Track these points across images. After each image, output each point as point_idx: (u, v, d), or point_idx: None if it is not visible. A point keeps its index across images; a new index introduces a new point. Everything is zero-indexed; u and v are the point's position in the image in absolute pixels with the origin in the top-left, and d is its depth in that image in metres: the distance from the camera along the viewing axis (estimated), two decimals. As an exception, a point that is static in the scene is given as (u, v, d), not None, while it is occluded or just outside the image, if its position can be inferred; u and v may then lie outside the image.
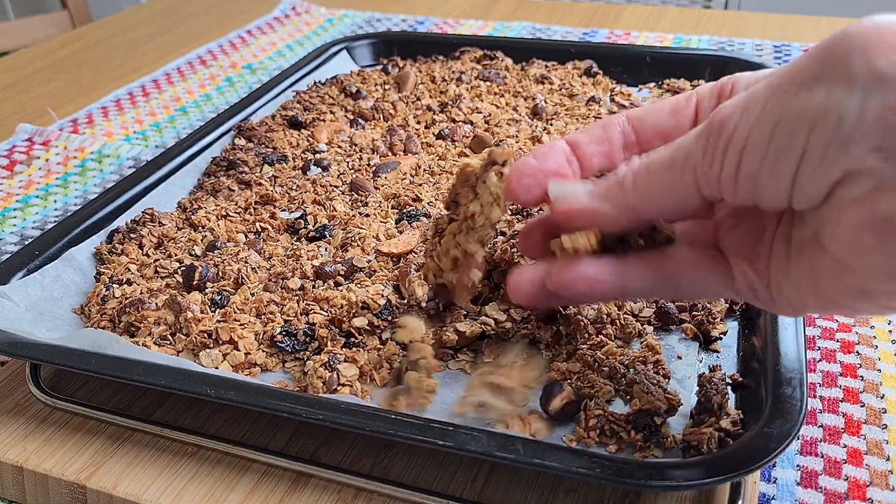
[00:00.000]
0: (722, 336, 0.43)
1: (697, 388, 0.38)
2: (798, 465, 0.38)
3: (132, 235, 0.52)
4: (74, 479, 0.38)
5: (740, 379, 0.39)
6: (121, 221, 0.54)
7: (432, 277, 0.40)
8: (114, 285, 0.48)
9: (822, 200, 0.27)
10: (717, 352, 0.42)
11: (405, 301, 0.44)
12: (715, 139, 0.29)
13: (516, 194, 0.35)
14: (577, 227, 0.33)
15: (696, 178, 0.30)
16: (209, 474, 0.38)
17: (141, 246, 0.52)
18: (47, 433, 0.41)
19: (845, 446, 0.39)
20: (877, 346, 0.45)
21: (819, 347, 0.45)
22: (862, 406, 0.41)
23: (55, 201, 0.66)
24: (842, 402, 0.42)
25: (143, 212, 0.55)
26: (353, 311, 0.43)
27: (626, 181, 0.32)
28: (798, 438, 0.39)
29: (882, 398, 0.42)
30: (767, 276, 0.31)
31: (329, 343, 0.43)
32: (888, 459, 0.38)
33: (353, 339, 0.43)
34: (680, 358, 0.42)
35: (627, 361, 0.39)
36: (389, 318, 0.43)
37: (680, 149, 0.30)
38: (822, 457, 0.39)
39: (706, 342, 0.43)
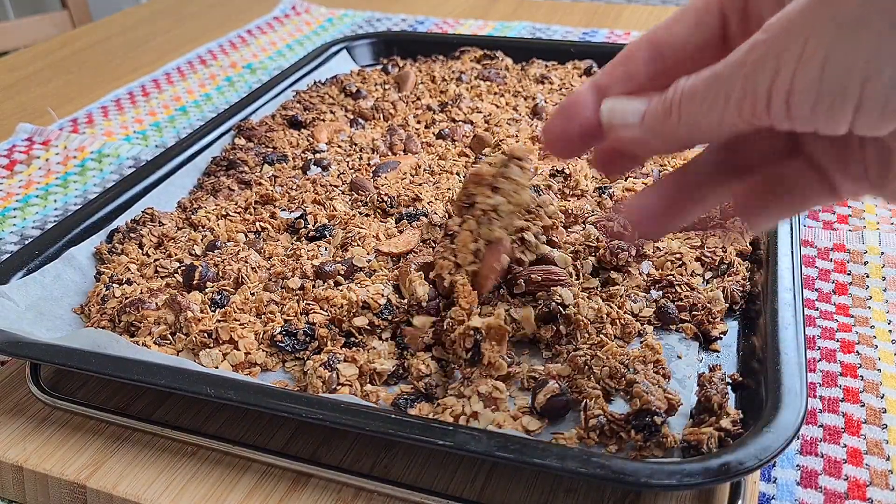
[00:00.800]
0: (722, 336, 0.43)
1: (697, 388, 0.39)
2: (798, 465, 0.38)
3: (132, 235, 0.52)
4: (74, 478, 0.38)
5: (740, 379, 0.39)
6: (121, 221, 0.54)
7: (448, 275, 0.41)
8: (114, 285, 0.48)
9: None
10: (717, 351, 0.42)
11: (405, 301, 0.44)
12: (754, 78, 0.26)
13: (553, 154, 0.35)
14: (633, 147, 0.32)
15: (742, 114, 0.27)
16: (209, 474, 0.38)
17: (141, 245, 0.52)
18: (47, 433, 0.41)
19: (845, 446, 0.39)
20: (877, 346, 0.45)
21: (819, 347, 0.45)
22: (862, 406, 0.41)
23: (55, 201, 0.66)
24: (842, 401, 0.42)
25: (143, 211, 0.55)
26: (354, 310, 0.43)
27: (672, 111, 0.29)
28: (798, 438, 0.39)
29: (882, 398, 0.42)
30: (867, 181, 0.29)
31: (329, 343, 0.43)
32: (888, 459, 0.38)
33: (353, 339, 0.43)
34: (680, 357, 0.42)
35: (627, 361, 0.39)
36: (389, 317, 0.43)
37: (719, 80, 0.27)
38: (822, 456, 0.39)
39: (706, 342, 0.43)
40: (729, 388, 0.38)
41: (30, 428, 0.41)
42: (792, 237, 0.46)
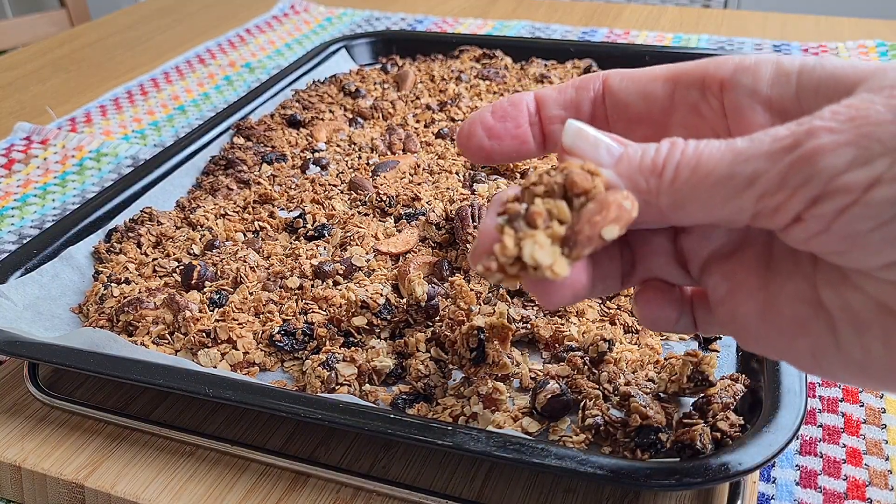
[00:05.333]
0: (721, 336, 0.43)
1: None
2: (797, 465, 0.38)
3: (130, 234, 0.52)
4: (72, 478, 0.38)
5: (742, 389, 0.38)
6: (119, 220, 0.54)
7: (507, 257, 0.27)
8: (112, 284, 0.47)
9: None
10: (717, 352, 0.42)
11: (404, 300, 0.44)
12: (805, 173, 0.22)
13: (464, 150, 0.30)
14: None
15: (759, 208, 0.23)
16: (207, 474, 0.38)
17: (139, 245, 0.52)
18: (45, 432, 0.41)
19: (844, 446, 0.39)
20: (876, 346, 0.45)
21: (818, 347, 0.45)
22: (861, 406, 0.41)
23: (53, 200, 0.66)
24: (841, 401, 0.42)
25: (141, 211, 0.55)
26: (353, 310, 0.43)
27: (666, 172, 0.24)
28: (797, 438, 0.39)
29: (881, 398, 0.42)
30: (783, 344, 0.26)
31: (328, 342, 0.43)
32: (887, 459, 0.38)
33: (352, 339, 0.43)
34: None
35: (626, 367, 0.39)
36: (388, 317, 0.43)
37: (747, 162, 0.23)
38: (822, 456, 0.39)
39: (706, 342, 0.43)
40: (738, 397, 0.37)
41: (28, 427, 0.41)
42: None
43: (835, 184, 0.21)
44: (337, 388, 0.40)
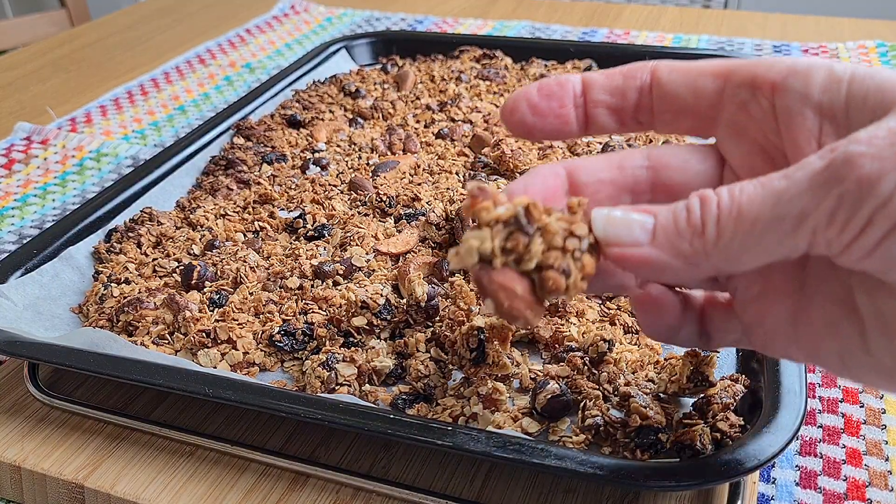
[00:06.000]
0: None
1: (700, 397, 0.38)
2: (797, 466, 0.38)
3: (130, 234, 0.52)
4: (72, 478, 0.38)
5: (742, 389, 0.38)
6: (119, 220, 0.54)
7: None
8: (112, 284, 0.47)
9: None
10: (717, 352, 0.42)
11: (404, 300, 0.44)
12: (853, 203, 0.22)
13: (507, 124, 0.31)
14: (637, 274, 0.28)
15: (813, 241, 0.23)
16: (207, 474, 0.38)
17: (139, 245, 0.52)
18: (45, 432, 0.41)
19: (844, 446, 0.39)
20: (876, 347, 0.45)
21: (818, 347, 0.45)
22: (861, 406, 0.41)
23: (53, 200, 0.66)
24: (841, 402, 0.42)
25: (141, 211, 0.55)
26: (352, 310, 0.43)
27: (708, 231, 0.24)
28: (797, 439, 0.39)
29: (881, 398, 0.42)
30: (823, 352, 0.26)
31: (327, 342, 0.43)
32: (887, 460, 0.38)
33: (351, 339, 0.43)
34: None
35: (626, 368, 0.39)
36: (388, 317, 0.43)
37: (791, 202, 0.23)
38: (822, 457, 0.39)
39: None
40: (738, 397, 0.37)
41: (28, 427, 0.41)
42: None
43: (883, 210, 0.22)
44: (337, 388, 0.40)
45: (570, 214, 0.27)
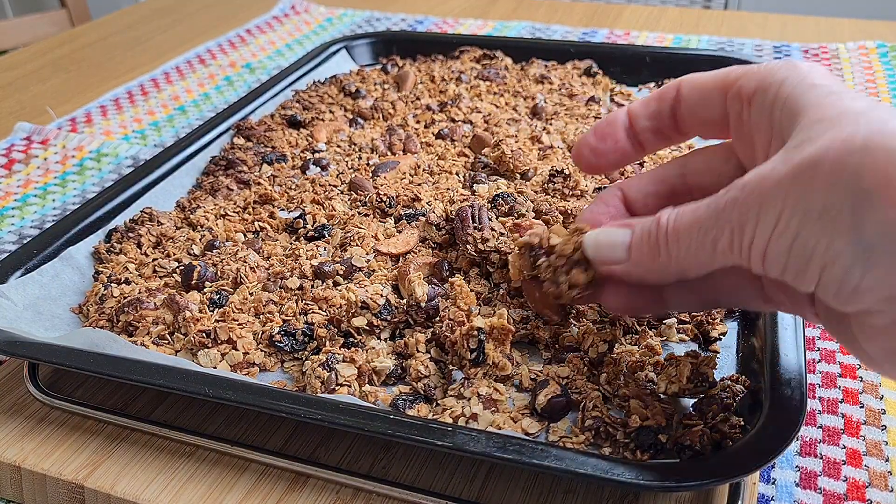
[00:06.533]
0: (721, 337, 0.43)
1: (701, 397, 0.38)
2: (797, 466, 0.38)
3: (130, 235, 0.52)
4: (72, 478, 0.38)
5: (742, 390, 0.38)
6: (119, 221, 0.54)
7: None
8: (112, 284, 0.47)
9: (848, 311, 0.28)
10: (717, 352, 0.42)
11: (404, 301, 0.44)
12: (739, 234, 0.28)
13: (579, 168, 0.39)
14: (627, 280, 0.34)
15: (728, 259, 0.29)
16: (207, 474, 0.38)
17: (139, 245, 0.52)
18: (45, 432, 0.41)
19: (844, 447, 0.39)
20: (876, 347, 0.45)
21: (819, 348, 0.45)
22: (861, 407, 0.41)
23: (53, 200, 0.66)
24: (841, 402, 0.42)
25: (141, 211, 0.55)
26: (353, 310, 0.43)
27: (660, 251, 0.31)
28: (797, 440, 0.39)
29: (881, 399, 0.42)
30: (814, 314, 0.32)
31: (327, 343, 0.43)
32: (887, 460, 0.38)
33: (351, 339, 0.43)
34: None
35: (626, 368, 0.39)
36: (388, 317, 0.43)
37: (703, 229, 0.30)
38: (822, 458, 0.39)
39: (706, 343, 0.43)
40: (739, 398, 0.37)
41: (28, 427, 0.41)
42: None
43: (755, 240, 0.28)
44: (337, 388, 0.40)
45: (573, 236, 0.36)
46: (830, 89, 0.29)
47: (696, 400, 0.37)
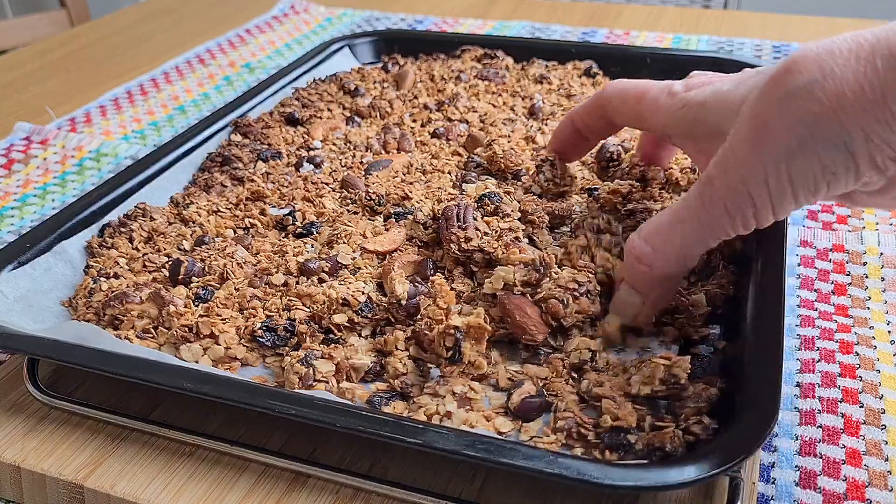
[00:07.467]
0: (702, 340, 0.42)
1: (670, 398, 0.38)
2: (797, 466, 0.38)
3: (123, 230, 0.52)
4: (72, 478, 0.38)
5: (716, 392, 0.38)
6: (114, 216, 0.54)
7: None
8: (101, 279, 0.47)
9: None
10: (697, 355, 0.42)
11: (387, 298, 0.44)
12: (735, 217, 0.36)
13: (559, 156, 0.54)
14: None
15: (727, 235, 0.37)
16: (207, 474, 0.38)
17: (131, 240, 0.52)
18: (45, 432, 0.41)
19: (844, 447, 0.39)
20: (876, 347, 0.45)
21: (818, 348, 0.45)
22: (861, 406, 0.41)
23: (53, 200, 0.66)
24: (841, 402, 0.42)
25: (135, 206, 0.55)
26: (334, 307, 0.43)
27: (652, 269, 0.39)
28: (797, 439, 0.39)
29: (881, 399, 0.42)
30: None
31: (308, 339, 0.42)
32: (887, 460, 0.38)
33: (332, 336, 0.43)
34: None
35: (600, 369, 0.39)
36: (369, 315, 0.43)
37: (700, 227, 0.37)
38: (821, 457, 0.39)
39: (687, 345, 0.42)
40: (712, 399, 0.37)
41: (27, 427, 0.41)
42: (786, 240, 0.45)
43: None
44: (314, 384, 0.40)
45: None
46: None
47: (669, 402, 0.37)
